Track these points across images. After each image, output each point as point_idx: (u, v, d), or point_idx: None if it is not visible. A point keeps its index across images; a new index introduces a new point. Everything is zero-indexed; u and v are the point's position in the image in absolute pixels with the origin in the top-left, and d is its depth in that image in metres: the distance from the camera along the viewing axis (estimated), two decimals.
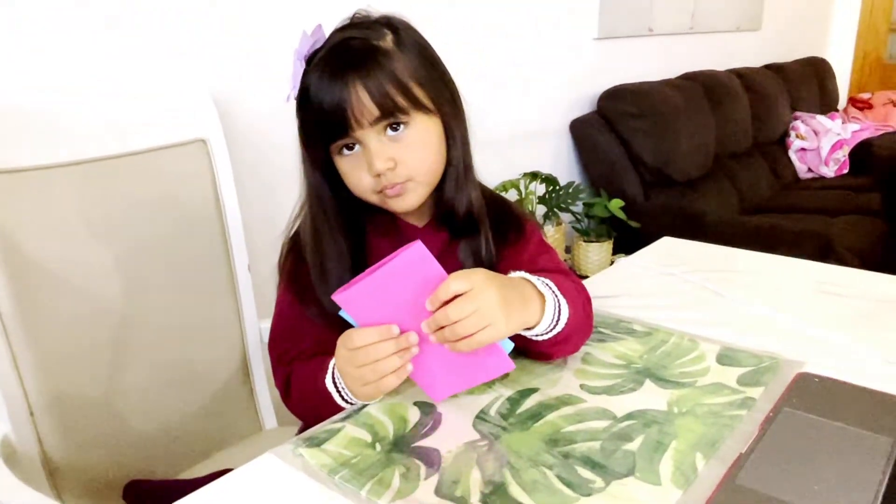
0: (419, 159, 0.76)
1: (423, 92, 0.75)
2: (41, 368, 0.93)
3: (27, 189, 0.94)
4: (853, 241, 2.25)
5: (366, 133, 0.73)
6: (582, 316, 0.78)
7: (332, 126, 0.73)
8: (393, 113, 0.73)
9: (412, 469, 0.62)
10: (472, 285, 0.64)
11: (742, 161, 2.89)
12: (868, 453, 0.61)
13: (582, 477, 0.60)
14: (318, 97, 0.73)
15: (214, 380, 1.16)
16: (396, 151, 0.74)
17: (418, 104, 0.74)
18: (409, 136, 0.75)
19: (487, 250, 0.81)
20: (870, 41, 4.26)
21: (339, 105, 0.71)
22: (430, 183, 0.79)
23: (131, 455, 1.03)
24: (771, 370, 0.77)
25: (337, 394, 0.73)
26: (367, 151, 0.74)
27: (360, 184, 0.76)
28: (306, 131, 0.77)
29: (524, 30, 2.16)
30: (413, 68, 0.75)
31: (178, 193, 1.12)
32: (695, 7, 2.89)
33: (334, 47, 0.74)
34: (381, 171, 0.73)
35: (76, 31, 1.16)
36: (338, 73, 0.72)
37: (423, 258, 0.64)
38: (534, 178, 2.14)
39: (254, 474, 0.64)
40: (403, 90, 0.73)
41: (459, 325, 0.63)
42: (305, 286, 0.79)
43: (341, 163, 0.77)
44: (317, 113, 0.73)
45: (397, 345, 0.67)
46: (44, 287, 0.94)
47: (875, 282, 1.06)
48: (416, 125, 0.75)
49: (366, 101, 0.71)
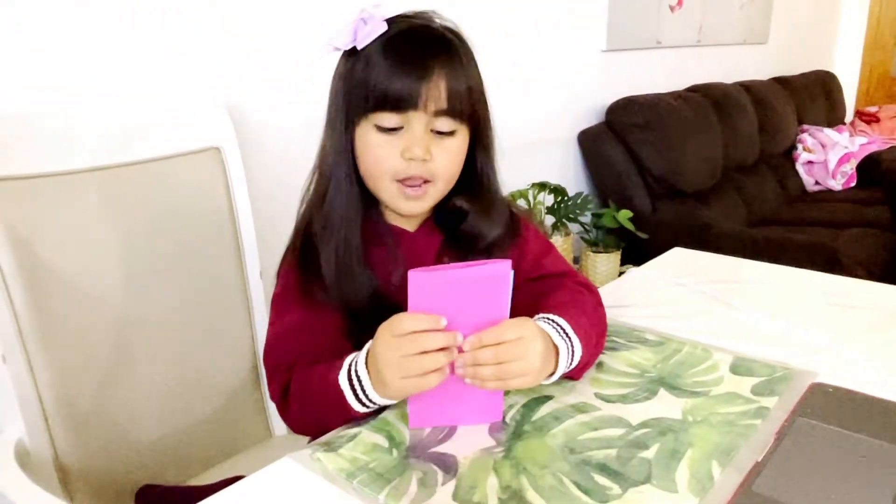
0: (447, 167, 0.77)
1: (476, 107, 0.77)
2: (56, 373, 0.94)
3: (43, 196, 0.95)
4: (861, 254, 2.25)
5: (420, 118, 0.74)
6: (593, 342, 0.78)
7: (395, 100, 0.73)
8: (458, 114, 0.75)
9: (429, 474, 0.62)
10: (523, 335, 0.67)
11: (749, 173, 2.89)
12: (883, 463, 0.61)
13: (599, 484, 0.60)
14: (397, 64, 0.72)
15: (225, 386, 1.16)
16: (434, 148, 0.75)
17: (472, 115, 0.77)
18: (450, 143, 0.77)
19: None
20: (877, 55, 4.27)
21: (417, 81, 0.72)
22: (443, 192, 0.80)
23: (142, 461, 1.04)
24: (784, 380, 0.77)
25: (351, 393, 0.69)
26: (410, 135, 0.74)
27: (385, 163, 0.75)
28: (360, 90, 0.75)
29: (533, 41, 2.17)
30: (477, 79, 0.78)
31: (192, 201, 1.12)
32: (702, 20, 2.90)
33: (423, 28, 0.76)
34: (417, 157, 0.74)
35: (93, 39, 1.17)
36: (426, 51, 0.73)
37: (503, 279, 0.65)
38: (542, 188, 2.15)
39: (272, 478, 0.64)
40: (470, 98, 0.76)
41: (504, 366, 0.65)
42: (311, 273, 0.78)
43: (373, 137, 0.75)
44: (387, 79, 0.72)
45: (445, 340, 0.65)
46: (59, 294, 0.95)
47: (884, 293, 1.06)
48: (459, 136, 0.77)
49: (443, 90, 0.73)
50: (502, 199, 0.85)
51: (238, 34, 1.38)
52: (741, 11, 3.19)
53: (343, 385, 0.70)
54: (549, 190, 2.16)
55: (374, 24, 0.74)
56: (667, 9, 2.67)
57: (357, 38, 0.74)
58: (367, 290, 0.78)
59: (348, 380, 0.70)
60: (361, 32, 0.74)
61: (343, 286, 0.77)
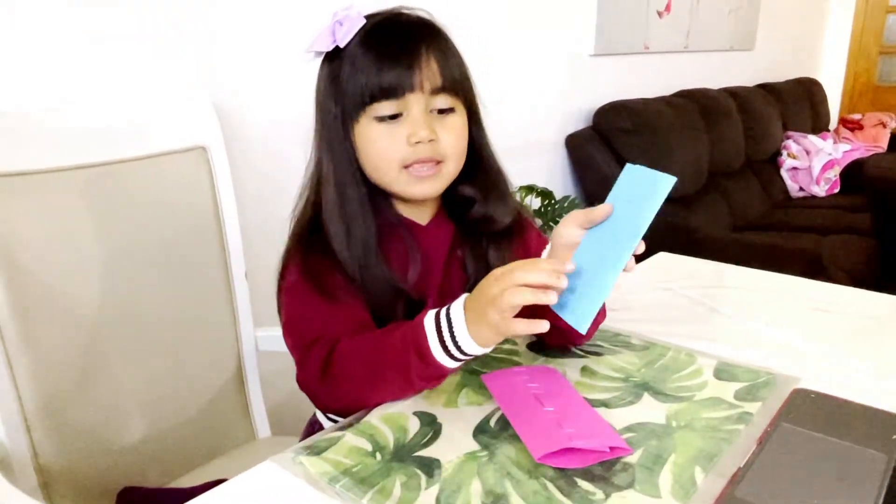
0: (455, 144, 0.78)
1: (467, 85, 0.79)
2: (36, 373, 0.93)
3: (25, 193, 0.94)
4: (844, 260, 2.28)
5: (418, 100, 0.74)
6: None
7: (390, 87, 0.73)
8: (454, 89, 0.75)
9: (413, 478, 0.62)
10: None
11: (735, 179, 2.91)
12: (864, 469, 0.61)
13: (582, 489, 0.60)
14: (383, 53, 0.73)
15: (209, 387, 1.15)
16: (439, 128, 0.76)
17: (466, 93, 0.78)
18: (451, 121, 0.77)
19: (501, 259, 0.82)
20: (861, 63, 4.32)
21: (408, 65, 0.72)
22: (455, 173, 0.80)
23: (125, 462, 1.03)
24: (767, 385, 0.78)
25: (436, 335, 0.67)
26: (411, 119, 0.74)
27: (391, 152, 0.75)
28: (351, 88, 0.75)
29: (521, 45, 2.18)
30: (461, 60, 0.78)
31: (178, 200, 1.12)
32: (690, 26, 2.92)
33: (401, 15, 0.77)
34: (424, 139, 0.74)
35: (78, 36, 1.16)
36: (410, 35, 0.74)
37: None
38: (530, 191, 2.15)
39: (254, 482, 0.64)
40: (461, 74, 0.77)
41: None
42: (321, 271, 0.77)
43: (374, 129, 0.75)
44: (377, 69, 0.73)
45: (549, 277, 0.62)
46: (39, 292, 0.94)
47: (866, 299, 1.07)
48: (458, 114, 0.78)
49: (434, 68, 0.74)
50: (506, 179, 0.86)
51: (225, 33, 1.37)
52: (728, 18, 3.21)
53: (428, 325, 0.68)
54: (536, 193, 2.17)
55: (351, 22, 0.74)
56: (655, 14, 2.68)
57: (336, 37, 0.75)
58: (388, 289, 0.78)
59: (435, 322, 0.68)
60: (340, 32, 0.75)
61: (366, 284, 0.77)
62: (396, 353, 0.69)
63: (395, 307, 0.78)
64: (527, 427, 0.68)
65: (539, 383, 0.76)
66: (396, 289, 0.78)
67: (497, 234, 0.84)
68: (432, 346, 0.67)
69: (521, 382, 0.76)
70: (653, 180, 0.67)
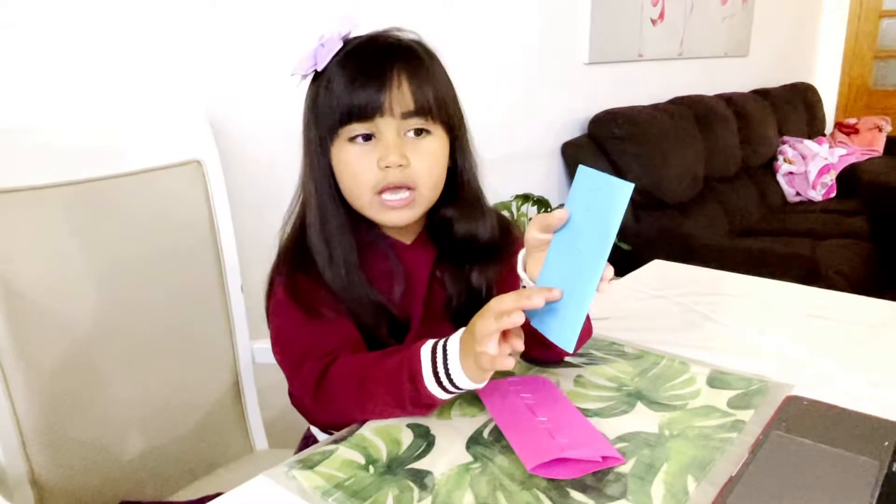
0: (428, 170, 0.77)
1: (447, 109, 0.77)
2: (32, 389, 0.93)
3: (20, 209, 0.94)
4: (841, 264, 2.28)
5: (389, 123, 0.74)
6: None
7: (359, 108, 0.73)
8: (426, 113, 0.74)
9: (405, 491, 0.62)
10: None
11: (731, 184, 2.92)
12: (856, 476, 0.61)
13: (575, 500, 0.60)
14: (356, 74, 0.73)
15: (206, 400, 1.16)
16: (411, 153, 0.75)
17: (444, 118, 0.77)
18: (426, 145, 0.76)
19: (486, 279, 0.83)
20: (856, 67, 4.33)
21: (378, 86, 0.72)
22: (431, 199, 0.80)
23: (122, 477, 1.02)
24: (760, 393, 0.78)
25: (431, 364, 0.67)
26: (382, 142, 0.74)
27: (363, 176, 0.75)
28: (326, 109, 0.75)
29: (516, 54, 2.18)
30: (444, 83, 0.78)
31: (173, 214, 1.12)
32: (684, 33, 2.93)
33: (379, 38, 0.76)
34: (393, 164, 0.73)
35: (72, 50, 1.17)
36: (383, 58, 0.73)
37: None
38: (525, 199, 2.15)
39: (247, 496, 0.64)
40: (437, 98, 0.75)
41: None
42: (306, 289, 0.77)
43: (347, 152, 0.75)
44: (349, 90, 0.73)
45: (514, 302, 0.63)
46: (35, 309, 0.94)
47: (862, 306, 1.07)
48: (435, 138, 0.77)
49: (406, 91, 0.73)
50: (486, 203, 0.85)
51: (220, 47, 1.38)
52: (722, 25, 3.23)
53: (424, 356, 0.68)
54: (532, 201, 2.17)
55: (330, 45, 0.75)
56: (649, 22, 2.70)
57: (317, 60, 0.76)
58: (371, 307, 0.78)
59: (432, 352, 0.68)
60: (321, 55, 0.75)
61: (350, 302, 0.77)
62: (391, 376, 0.70)
63: (380, 325, 0.78)
64: (519, 438, 0.68)
65: (532, 393, 0.76)
66: (380, 307, 0.78)
67: (479, 253, 0.83)
68: (426, 376, 0.68)
69: (514, 393, 0.77)
70: (610, 188, 0.65)
